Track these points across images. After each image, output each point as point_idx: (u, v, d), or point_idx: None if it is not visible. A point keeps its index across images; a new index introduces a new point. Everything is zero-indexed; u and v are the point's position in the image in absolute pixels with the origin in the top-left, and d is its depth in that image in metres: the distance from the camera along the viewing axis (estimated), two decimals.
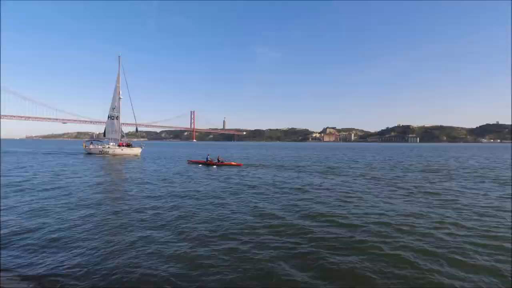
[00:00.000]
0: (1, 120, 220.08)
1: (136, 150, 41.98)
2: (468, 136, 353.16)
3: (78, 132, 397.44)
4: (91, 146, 43.77)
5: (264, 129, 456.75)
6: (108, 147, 41.63)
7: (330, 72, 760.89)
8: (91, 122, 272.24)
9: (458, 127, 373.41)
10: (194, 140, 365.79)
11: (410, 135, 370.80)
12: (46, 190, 14.54)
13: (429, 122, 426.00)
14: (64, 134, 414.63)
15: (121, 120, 43.74)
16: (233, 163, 27.96)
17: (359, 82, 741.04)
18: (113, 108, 43.35)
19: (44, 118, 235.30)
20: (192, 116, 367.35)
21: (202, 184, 16.90)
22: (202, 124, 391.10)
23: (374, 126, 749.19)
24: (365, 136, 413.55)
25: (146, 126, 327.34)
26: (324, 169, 26.65)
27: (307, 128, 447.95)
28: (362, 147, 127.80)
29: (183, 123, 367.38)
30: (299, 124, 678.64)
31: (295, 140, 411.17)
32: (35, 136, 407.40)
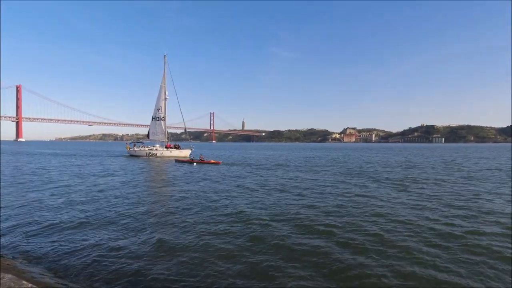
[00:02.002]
0: (32, 122, 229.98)
1: (186, 152, 41.09)
2: (498, 136, 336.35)
3: (103, 134, 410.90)
4: (135, 148, 43.02)
5: (283, 130, 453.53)
6: (156, 149, 40.87)
7: (349, 72, 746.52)
8: (114, 124, 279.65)
9: (487, 127, 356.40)
10: (214, 141, 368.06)
11: (435, 136, 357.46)
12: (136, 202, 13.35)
13: (455, 122, 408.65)
14: (90, 135, 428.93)
15: (165, 121, 42.99)
16: (212, 161, 31.47)
17: (380, 81, 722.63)
18: (158, 109, 42.68)
19: (72, 121, 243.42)
20: (212, 118, 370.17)
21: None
22: (221, 125, 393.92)
23: (396, 126, 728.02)
24: (386, 137, 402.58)
25: (168, 127, 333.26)
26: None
27: (326, 128, 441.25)
28: (379, 147, 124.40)
29: (202, 125, 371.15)
30: (319, 124, 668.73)
31: (315, 141, 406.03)
32: (63, 138, 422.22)
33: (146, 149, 41.55)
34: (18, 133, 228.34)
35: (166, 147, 41.80)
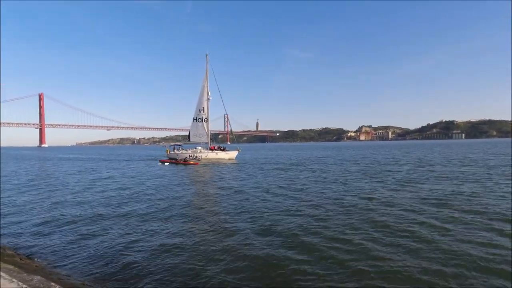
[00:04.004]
0: (54, 128, 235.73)
1: (232, 154, 39.96)
2: None
3: (121, 138, 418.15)
4: (176, 152, 41.94)
5: (297, 129, 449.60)
6: (200, 152, 39.83)
7: (364, 71, 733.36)
8: (132, 128, 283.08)
9: (510, 121, 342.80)
10: (228, 143, 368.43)
11: (455, 131, 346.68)
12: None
13: (476, 117, 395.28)
14: (108, 140, 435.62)
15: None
16: (191, 162, 33.69)
17: (396, 77, 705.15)
18: (200, 110, 41.62)
19: (91, 126, 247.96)
20: (226, 119, 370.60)
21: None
22: (235, 126, 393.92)
23: (413, 123, 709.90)
24: (403, 134, 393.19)
25: (182, 130, 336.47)
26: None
27: (341, 127, 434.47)
28: (395, 145, 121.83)
29: (217, 127, 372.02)
30: (333, 123, 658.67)
31: (329, 140, 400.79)
32: (84, 143, 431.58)
33: (189, 151, 40.49)
34: (41, 139, 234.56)
35: (211, 149, 40.74)
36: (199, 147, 41.17)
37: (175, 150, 42.08)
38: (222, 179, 20.10)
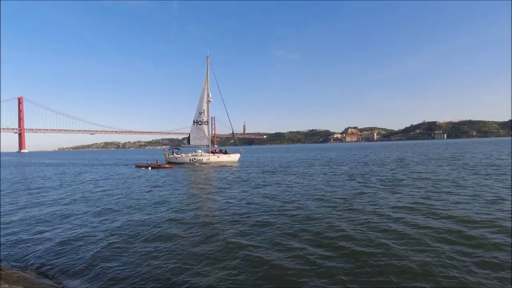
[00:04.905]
0: (35, 133, 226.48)
1: (234, 157, 38.74)
2: (501, 130, 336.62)
3: (105, 143, 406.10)
4: (176, 155, 40.32)
5: (284, 132, 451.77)
6: (201, 155, 38.44)
7: (349, 72, 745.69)
8: (116, 132, 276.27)
9: (489, 121, 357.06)
10: (216, 146, 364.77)
11: (437, 132, 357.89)
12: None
13: (457, 118, 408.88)
14: (92, 144, 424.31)
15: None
16: (166, 165, 34.69)
17: (381, 79, 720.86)
18: (201, 112, 40.26)
19: (74, 130, 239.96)
20: (213, 122, 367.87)
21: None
22: (222, 129, 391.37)
23: (397, 124, 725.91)
24: (388, 135, 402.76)
25: (168, 133, 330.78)
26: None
27: (328, 129, 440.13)
28: (378, 146, 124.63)
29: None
30: (320, 125, 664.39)
31: (316, 142, 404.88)
32: (66, 148, 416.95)
33: (190, 155, 39.00)
34: (21, 144, 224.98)
35: (212, 152, 39.44)
36: (200, 150, 39.74)
37: (174, 154, 40.49)
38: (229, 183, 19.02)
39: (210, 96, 39.71)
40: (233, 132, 41.63)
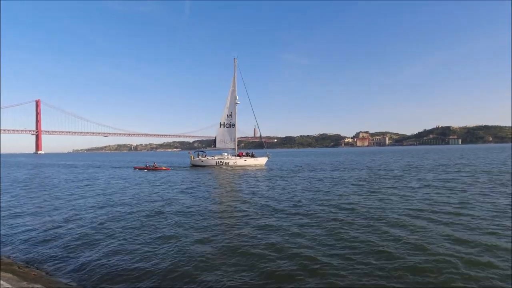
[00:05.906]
0: (51, 135, 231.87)
1: (262, 160, 38.35)
2: None
3: (118, 145, 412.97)
4: (201, 158, 40.08)
5: (295, 135, 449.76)
6: (228, 158, 38.18)
7: (361, 76, 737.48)
8: (129, 134, 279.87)
9: (506, 126, 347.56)
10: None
11: (451, 137, 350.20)
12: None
13: (472, 122, 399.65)
14: (105, 146, 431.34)
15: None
16: (163, 168, 36.33)
17: (393, 83, 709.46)
18: (228, 115, 40.07)
19: (88, 133, 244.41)
20: None
21: None
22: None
23: (410, 129, 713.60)
24: (400, 140, 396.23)
25: (179, 136, 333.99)
26: None
27: (339, 133, 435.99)
28: (390, 150, 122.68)
29: (214, 133, 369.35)
30: (331, 129, 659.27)
31: (327, 146, 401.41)
32: (81, 150, 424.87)
33: (216, 158, 38.77)
34: (37, 146, 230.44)
35: (238, 155, 39.14)
36: (225, 153, 39.48)
37: (199, 157, 40.35)
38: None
39: (237, 98, 39.53)
40: (260, 136, 41.21)
